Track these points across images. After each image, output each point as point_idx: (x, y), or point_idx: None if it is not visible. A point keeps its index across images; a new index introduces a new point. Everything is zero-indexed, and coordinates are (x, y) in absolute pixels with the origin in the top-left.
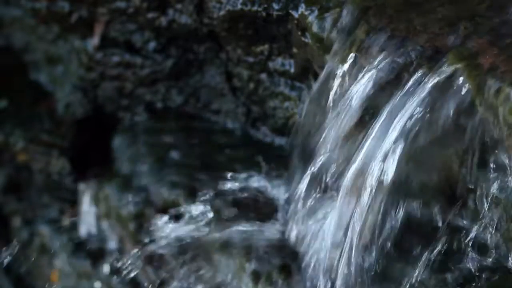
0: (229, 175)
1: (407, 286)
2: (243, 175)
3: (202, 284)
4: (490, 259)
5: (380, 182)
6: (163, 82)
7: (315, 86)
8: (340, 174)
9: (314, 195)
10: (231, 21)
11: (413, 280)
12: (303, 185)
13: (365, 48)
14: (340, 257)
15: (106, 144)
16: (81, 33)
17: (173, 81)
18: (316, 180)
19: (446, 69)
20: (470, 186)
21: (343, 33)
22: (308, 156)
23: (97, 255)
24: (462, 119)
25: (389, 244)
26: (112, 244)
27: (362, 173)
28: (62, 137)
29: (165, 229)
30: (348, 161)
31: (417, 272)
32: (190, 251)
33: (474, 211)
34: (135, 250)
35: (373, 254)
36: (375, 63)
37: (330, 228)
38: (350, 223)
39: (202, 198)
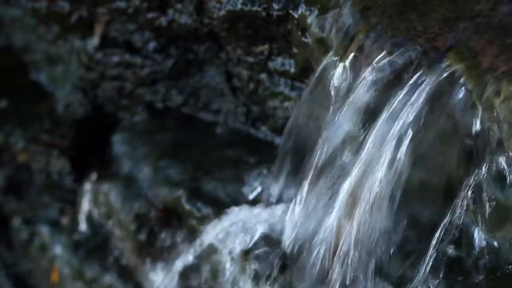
0: (229, 175)
1: (408, 286)
2: (243, 175)
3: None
4: (490, 259)
5: (380, 183)
6: (163, 82)
7: (310, 86)
8: (341, 175)
9: (313, 194)
10: (231, 21)
11: (414, 280)
12: (303, 183)
13: (365, 48)
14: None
15: (106, 144)
16: (81, 33)
17: (173, 81)
18: (316, 178)
19: (446, 69)
20: (470, 186)
21: (343, 33)
22: (306, 156)
23: (97, 255)
24: (462, 119)
25: (389, 244)
26: (112, 244)
27: (362, 174)
28: (62, 137)
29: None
30: (349, 161)
31: (417, 271)
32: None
33: (474, 211)
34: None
35: (374, 253)
36: (375, 63)
37: (329, 229)
38: (350, 225)
39: (202, 198)
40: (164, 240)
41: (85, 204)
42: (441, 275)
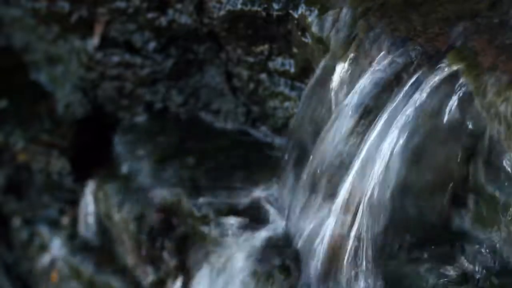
0: (229, 175)
1: (407, 285)
2: (243, 175)
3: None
4: (491, 260)
5: (380, 183)
6: (163, 82)
7: (311, 86)
8: (340, 175)
9: (313, 194)
10: (231, 21)
11: (413, 280)
12: (302, 185)
13: (365, 48)
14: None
15: (106, 144)
16: (81, 33)
17: (173, 81)
18: (314, 179)
19: (446, 69)
20: (470, 186)
21: (343, 33)
22: (305, 157)
23: (97, 255)
24: (462, 119)
25: (388, 244)
26: (112, 244)
27: (361, 174)
28: (62, 137)
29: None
30: (348, 161)
31: (417, 271)
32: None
33: (474, 211)
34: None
35: (373, 253)
36: (375, 63)
37: (330, 228)
38: (349, 225)
39: (202, 199)
40: (164, 240)
41: (85, 204)
42: (443, 275)
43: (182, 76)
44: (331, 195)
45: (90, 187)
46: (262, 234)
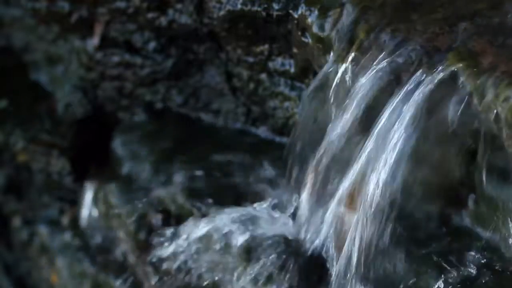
0: (229, 175)
1: (407, 285)
2: (243, 175)
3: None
4: (490, 259)
5: (381, 184)
6: (163, 82)
7: (313, 87)
8: (342, 174)
9: (315, 194)
10: (231, 21)
11: (413, 280)
12: (304, 183)
13: (365, 48)
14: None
15: (106, 144)
16: (81, 33)
17: (173, 81)
18: (317, 178)
19: (446, 69)
20: (470, 186)
21: (343, 33)
22: (308, 156)
23: (97, 256)
24: (462, 119)
25: (390, 243)
26: (112, 244)
27: (363, 174)
28: (62, 137)
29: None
30: (349, 161)
31: (416, 271)
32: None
33: (474, 211)
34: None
35: (373, 253)
36: (375, 63)
37: (331, 228)
38: (350, 224)
39: (202, 198)
40: (164, 240)
41: (85, 204)
42: (443, 275)
43: (182, 76)
44: (334, 193)
45: (90, 187)
46: (264, 234)
